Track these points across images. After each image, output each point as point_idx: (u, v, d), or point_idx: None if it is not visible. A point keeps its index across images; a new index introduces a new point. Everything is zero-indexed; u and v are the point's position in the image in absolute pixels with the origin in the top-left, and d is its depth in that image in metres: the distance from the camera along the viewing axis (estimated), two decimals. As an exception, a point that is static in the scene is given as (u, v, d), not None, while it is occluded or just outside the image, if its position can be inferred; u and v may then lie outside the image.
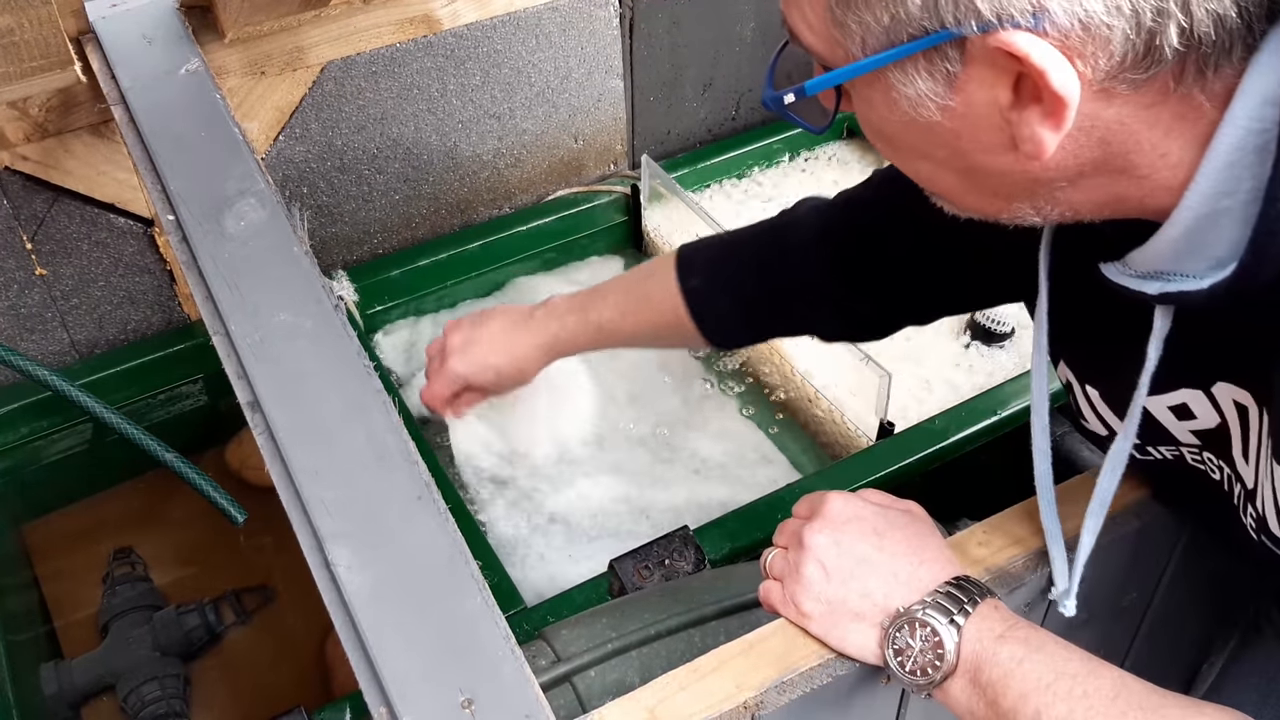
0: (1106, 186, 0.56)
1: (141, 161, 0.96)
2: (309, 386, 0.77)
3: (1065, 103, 0.50)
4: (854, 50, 0.54)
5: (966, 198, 0.60)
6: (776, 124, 1.70)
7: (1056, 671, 0.63)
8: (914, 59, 0.52)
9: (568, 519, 1.23)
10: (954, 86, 0.52)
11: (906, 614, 0.67)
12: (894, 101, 0.54)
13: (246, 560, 1.26)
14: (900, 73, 0.53)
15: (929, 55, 0.52)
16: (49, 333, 1.30)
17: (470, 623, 0.63)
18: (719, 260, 1.00)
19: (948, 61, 0.52)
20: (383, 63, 1.33)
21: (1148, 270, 0.58)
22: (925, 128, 0.55)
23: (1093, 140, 0.54)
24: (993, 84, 0.52)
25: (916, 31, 0.51)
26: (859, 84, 0.56)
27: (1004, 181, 0.57)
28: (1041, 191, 0.57)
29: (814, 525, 0.71)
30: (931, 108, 0.54)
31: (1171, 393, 0.65)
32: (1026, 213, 0.59)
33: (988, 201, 0.60)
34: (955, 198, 0.61)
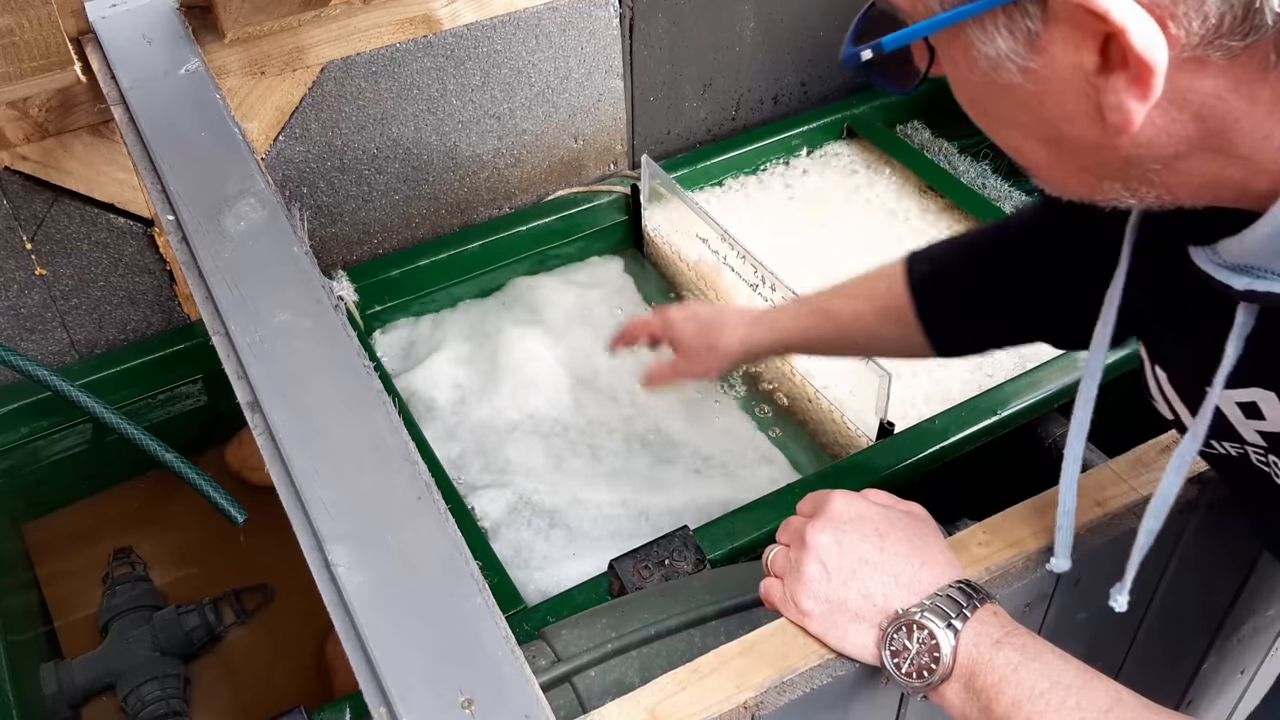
0: (1205, 168, 0.53)
1: (141, 161, 0.96)
2: (309, 387, 0.77)
3: (1151, 68, 0.47)
4: (933, 5, 0.51)
5: (1057, 173, 0.57)
6: (776, 124, 1.70)
7: (1051, 681, 0.63)
8: (993, 15, 0.50)
9: (568, 519, 1.23)
10: (1035, 47, 0.50)
11: (905, 616, 0.67)
12: (974, 61, 0.52)
13: (246, 560, 1.26)
14: (980, 30, 0.51)
15: (1009, 12, 0.49)
16: (49, 333, 1.30)
17: (470, 623, 0.63)
18: (947, 251, 0.96)
19: (1028, 19, 0.49)
20: (383, 63, 1.33)
21: (1238, 262, 0.55)
22: (1007, 91, 0.52)
23: (1186, 115, 0.50)
24: (1077, 45, 0.48)
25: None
26: (941, 42, 0.54)
27: (1094, 157, 0.54)
28: (1134, 171, 0.54)
29: (816, 524, 0.71)
30: (1012, 69, 0.51)
31: (1243, 389, 0.61)
32: (1120, 193, 0.56)
33: (1078, 179, 0.57)
34: (1047, 173, 0.58)
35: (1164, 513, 0.69)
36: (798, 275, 1.35)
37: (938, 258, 0.96)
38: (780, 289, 1.31)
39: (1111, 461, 0.81)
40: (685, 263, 1.51)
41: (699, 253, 1.47)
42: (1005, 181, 1.64)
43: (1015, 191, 1.62)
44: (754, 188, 1.66)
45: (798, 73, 1.71)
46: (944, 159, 1.69)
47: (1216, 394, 0.61)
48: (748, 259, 1.35)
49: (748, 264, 1.36)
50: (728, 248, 1.39)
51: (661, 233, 1.55)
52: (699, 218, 1.41)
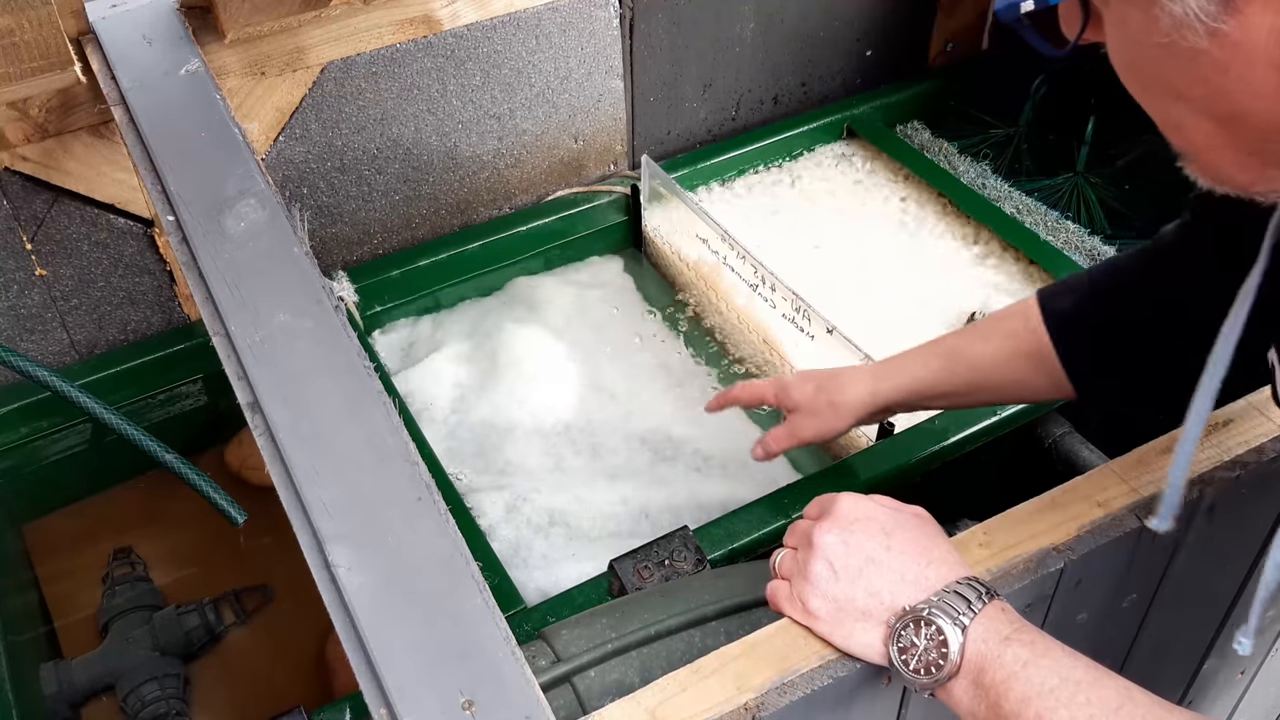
0: None
1: (141, 162, 0.96)
2: (309, 387, 0.77)
3: None
4: None
5: (1221, 157, 0.52)
6: (777, 124, 1.70)
7: (1061, 677, 0.62)
8: None
9: (567, 519, 1.23)
10: (1231, 6, 0.45)
11: (913, 612, 0.67)
12: (1155, 20, 0.47)
13: (246, 560, 1.26)
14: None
15: None
16: (49, 333, 1.30)
17: (470, 623, 0.63)
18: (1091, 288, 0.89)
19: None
20: (383, 63, 1.33)
21: None
22: (1188, 57, 0.47)
23: None
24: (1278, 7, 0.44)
25: None
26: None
27: (1271, 138, 0.48)
28: None
29: (823, 525, 0.71)
30: (1200, 31, 0.46)
31: None
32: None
33: (1243, 164, 0.51)
34: (1207, 157, 0.53)
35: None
36: (798, 276, 1.35)
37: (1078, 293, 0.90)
38: (780, 289, 1.31)
39: (1112, 462, 0.81)
40: (685, 263, 1.51)
41: (699, 253, 1.47)
42: (1005, 181, 1.64)
43: (1015, 191, 1.62)
44: (754, 188, 1.66)
45: (798, 73, 1.71)
46: (944, 159, 1.69)
47: None
48: (747, 259, 1.35)
49: (747, 264, 1.36)
50: (727, 248, 1.39)
51: (661, 233, 1.55)
52: (699, 218, 1.41)
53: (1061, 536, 0.77)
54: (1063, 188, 1.64)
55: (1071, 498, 0.79)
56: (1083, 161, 1.65)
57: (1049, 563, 0.76)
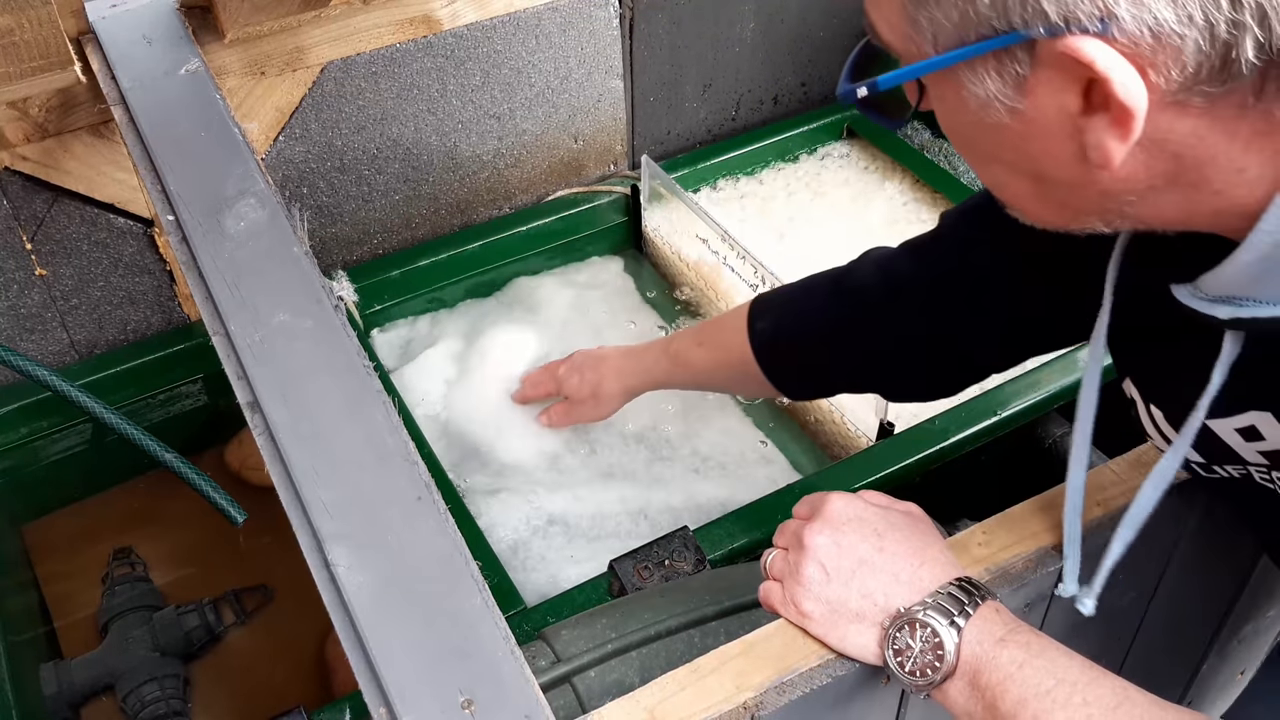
0: (1178, 202, 0.55)
1: (141, 162, 0.96)
2: (309, 387, 0.77)
3: (1132, 112, 0.49)
4: (926, 47, 0.53)
5: (1036, 206, 0.59)
6: (776, 124, 1.70)
7: (1057, 678, 0.63)
8: (984, 59, 0.52)
9: (567, 519, 1.23)
10: (1023, 89, 0.52)
11: (907, 614, 0.67)
12: (964, 101, 0.54)
13: (246, 560, 1.26)
14: (970, 72, 0.53)
15: (998, 56, 0.51)
16: (49, 333, 1.30)
17: (470, 623, 0.63)
18: (785, 314, 1.01)
19: (1017, 64, 0.51)
20: (383, 63, 1.33)
21: (1219, 294, 0.57)
22: (995, 130, 0.54)
23: (1165, 154, 0.52)
24: (1061, 89, 0.51)
25: (986, 31, 0.50)
26: (932, 81, 0.56)
27: (1073, 192, 0.56)
28: (1111, 204, 0.56)
29: (814, 526, 0.71)
30: (1000, 110, 0.53)
31: (1239, 415, 0.63)
32: (1095, 224, 0.58)
33: (1056, 212, 0.59)
34: (1026, 206, 0.60)
35: (1139, 523, 0.70)
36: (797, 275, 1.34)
37: (780, 312, 1.01)
38: (780, 289, 1.31)
39: (1111, 462, 0.81)
40: (685, 263, 1.51)
41: (699, 253, 1.47)
42: (1005, 182, 1.64)
43: (1015, 192, 1.62)
44: (754, 188, 1.66)
45: (798, 73, 1.71)
46: (944, 159, 1.69)
47: (1200, 415, 0.62)
48: (747, 259, 1.35)
49: (747, 264, 1.36)
50: (727, 248, 1.39)
51: (661, 233, 1.55)
52: (699, 218, 1.41)
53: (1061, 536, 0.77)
54: (1062, 188, 1.64)
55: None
56: (1082, 161, 1.65)
57: (1048, 562, 0.76)
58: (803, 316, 0.99)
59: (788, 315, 1.00)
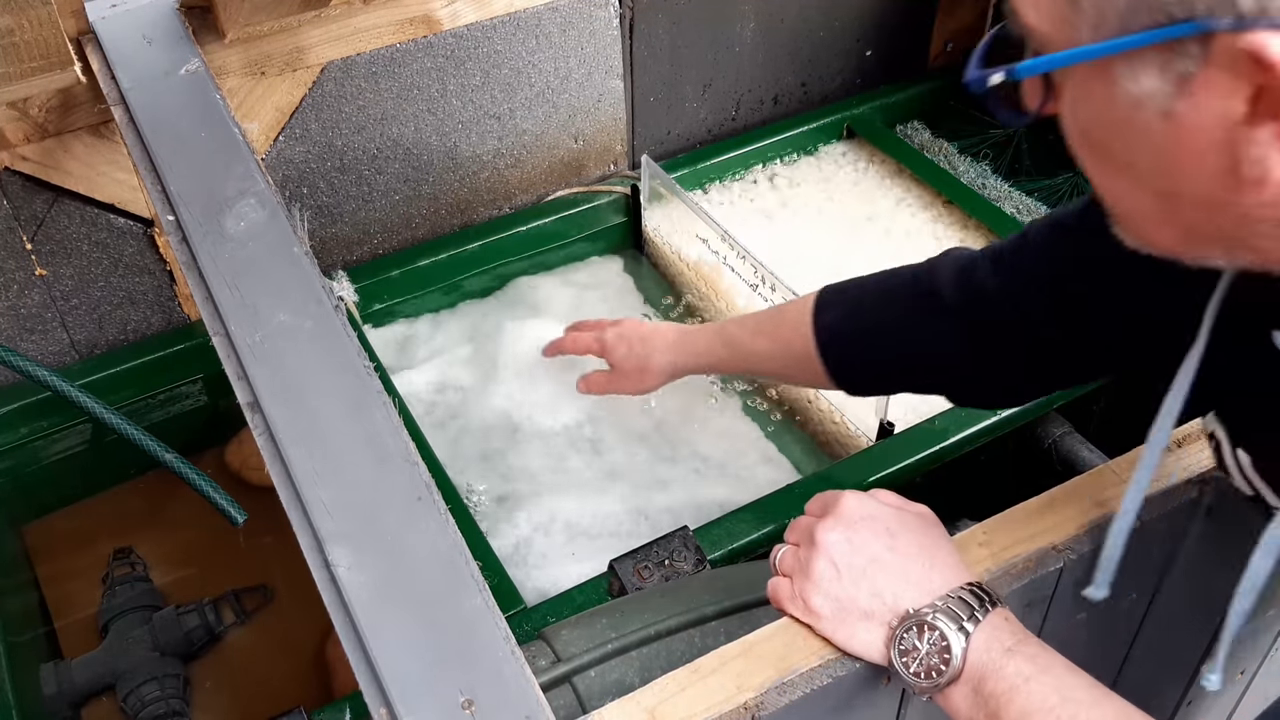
0: None
1: (141, 162, 0.96)
2: (309, 387, 0.77)
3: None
4: (1083, 33, 0.48)
5: (1156, 227, 0.54)
6: (776, 124, 1.70)
7: (1062, 696, 0.62)
8: (1149, 51, 0.46)
9: (567, 519, 1.23)
10: (1186, 90, 0.46)
11: (916, 616, 0.67)
12: (1112, 98, 0.49)
13: (246, 560, 1.26)
14: (1128, 65, 0.47)
15: (1167, 49, 0.46)
16: (49, 333, 1.30)
17: (470, 623, 0.63)
18: (856, 308, 0.97)
19: (1186, 59, 0.46)
20: (383, 63, 1.33)
21: None
22: (1140, 134, 0.49)
23: None
24: (1229, 93, 0.45)
25: (1160, 19, 0.45)
26: (1079, 73, 0.50)
27: (1208, 214, 0.51)
28: (1245, 232, 0.51)
29: (826, 523, 0.71)
30: (1153, 111, 0.48)
31: None
32: (1214, 256, 0.54)
33: (1178, 236, 0.54)
34: (1143, 225, 0.55)
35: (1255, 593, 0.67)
36: (798, 275, 1.35)
37: (849, 306, 0.97)
38: (780, 289, 1.31)
39: (1112, 462, 0.81)
40: (685, 263, 1.51)
41: (699, 253, 1.47)
42: (1005, 181, 1.64)
43: (1015, 191, 1.62)
44: (754, 188, 1.66)
45: (797, 73, 1.71)
46: (944, 159, 1.69)
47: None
48: (747, 259, 1.35)
49: (747, 264, 1.36)
50: (727, 248, 1.39)
51: (661, 233, 1.55)
52: (699, 218, 1.41)
53: (1061, 536, 0.77)
54: (1062, 187, 1.64)
55: (1071, 497, 0.79)
56: (1082, 161, 1.65)
57: (1049, 562, 0.76)
58: (874, 313, 0.95)
59: (858, 310, 0.96)
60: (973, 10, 1.79)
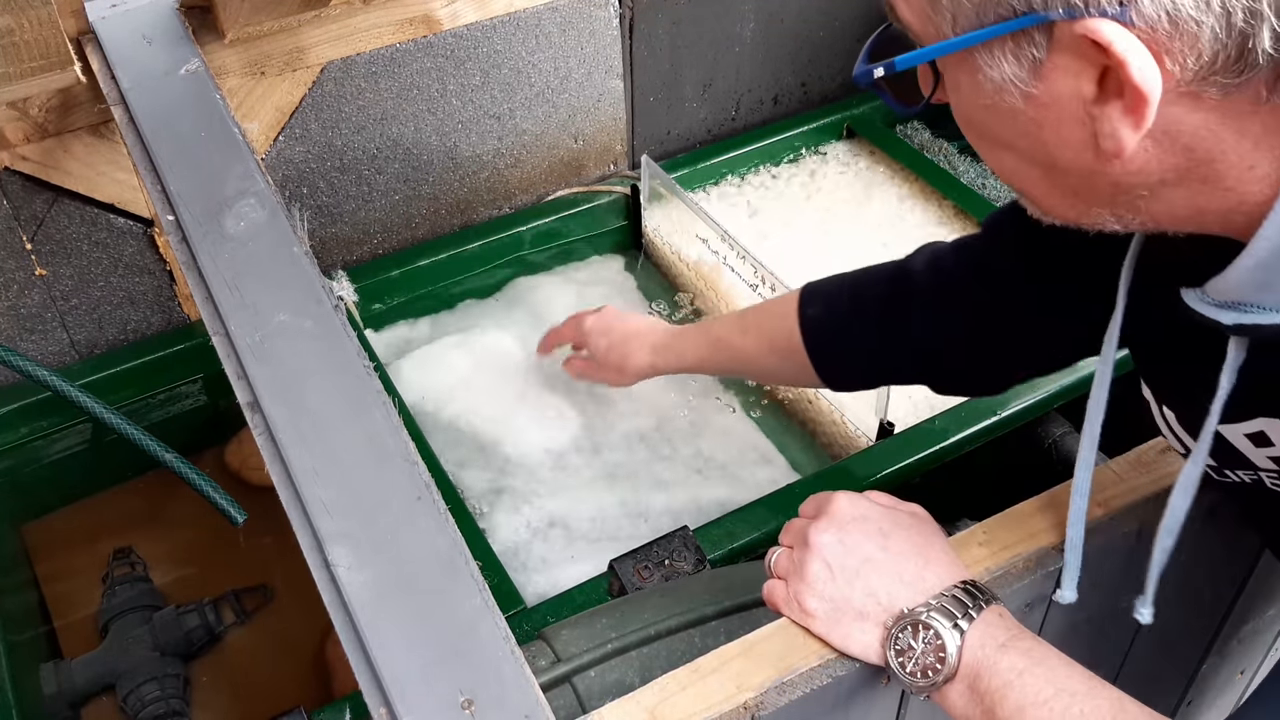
0: (1189, 199, 0.55)
1: (141, 162, 0.96)
2: (309, 387, 0.77)
3: (1146, 98, 0.49)
4: (945, 28, 0.53)
5: (1048, 198, 0.60)
6: (776, 124, 1.70)
7: (1056, 688, 0.63)
8: (1001, 41, 0.52)
9: (567, 520, 1.23)
10: (1039, 74, 0.52)
11: (910, 615, 0.67)
12: (979, 85, 0.54)
13: (246, 560, 1.26)
14: (987, 55, 0.53)
15: (1016, 38, 0.51)
16: (49, 333, 1.30)
17: (470, 623, 0.63)
18: (840, 300, 0.99)
19: (1034, 46, 0.51)
20: (382, 63, 1.33)
21: (1225, 299, 0.57)
22: (1009, 115, 0.54)
23: (1177, 146, 0.52)
24: (1077, 74, 0.51)
25: (1005, 13, 0.51)
26: (949, 65, 0.56)
27: (1085, 182, 0.56)
28: (1122, 198, 0.56)
29: (820, 524, 0.71)
30: (1015, 94, 0.53)
31: (1248, 421, 0.63)
32: (1106, 219, 0.58)
33: (1069, 204, 0.59)
34: (1038, 197, 0.60)
35: (1176, 530, 0.69)
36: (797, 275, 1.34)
37: (832, 299, 0.99)
38: (780, 289, 1.31)
39: (1111, 462, 0.81)
40: (685, 263, 1.51)
41: (699, 253, 1.47)
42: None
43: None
44: (754, 188, 1.66)
45: (797, 73, 1.71)
46: (944, 159, 1.69)
47: (1213, 421, 0.62)
48: (747, 259, 1.35)
49: (747, 264, 1.36)
50: (727, 248, 1.39)
51: (661, 233, 1.55)
52: (699, 218, 1.41)
53: (1061, 536, 0.77)
54: (1062, 188, 1.64)
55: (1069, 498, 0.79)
56: (1082, 161, 1.65)
57: (1048, 562, 0.76)
58: (855, 305, 0.97)
59: (840, 304, 0.99)
60: (973, 10, 1.79)
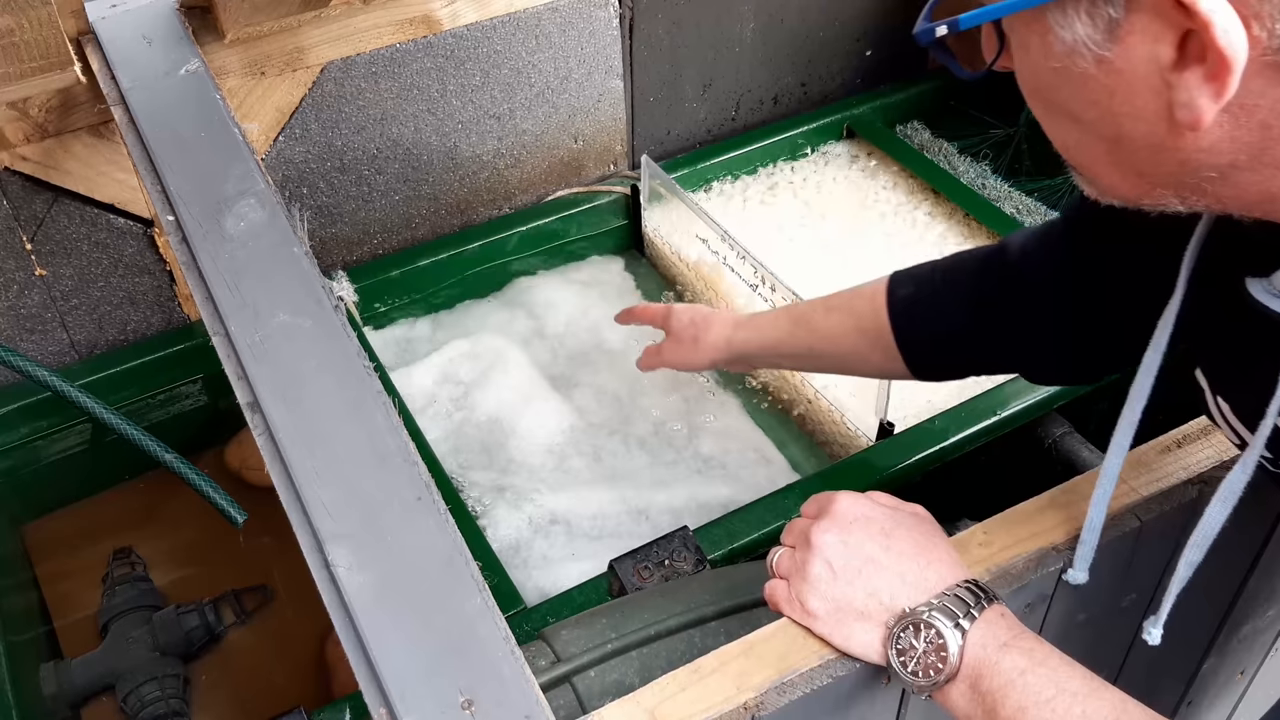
0: (1260, 182, 0.52)
1: (141, 162, 0.96)
2: (309, 387, 0.77)
3: (1230, 64, 0.46)
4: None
5: (1110, 174, 0.57)
6: (776, 124, 1.70)
7: (1058, 687, 0.63)
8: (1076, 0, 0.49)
9: (568, 519, 1.23)
10: (1114, 36, 0.49)
11: (912, 615, 0.67)
12: (1049, 46, 0.51)
13: (246, 560, 1.26)
14: (1060, 13, 0.50)
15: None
16: (49, 333, 1.30)
17: (470, 623, 0.63)
18: (931, 283, 0.95)
19: (1110, 6, 0.48)
20: (383, 63, 1.34)
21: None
22: (1079, 81, 0.51)
23: (1253, 122, 0.49)
24: (1156, 37, 0.48)
25: None
26: (1017, 24, 0.53)
27: (1152, 159, 0.53)
28: (1189, 179, 0.53)
29: (822, 524, 0.71)
30: (1088, 57, 0.50)
31: None
32: (1170, 200, 0.56)
33: (1132, 182, 0.56)
34: (1099, 172, 0.57)
35: (1207, 545, 0.68)
36: (797, 275, 1.35)
37: (923, 282, 0.96)
38: (780, 289, 1.31)
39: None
40: (685, 263, 1.51)
41: (699, 253, 1.47)
42: (1004, 182, 1.64)
43: (1015, 191, 1.62)
44: (754, 188, 1.66)
45: (797, 73, 1.71)
46: (944, 159, 1.69)
47: (1269, 425, 0.60)
48: (747, 259, 1.35)
49: (747, 264, 1.36)
50: (727, 248, 1.39)
51: (661, 233, 1.55)
52: (699, 218, 1.41)
53: (1061, 536, 0.77)
54: (1062, 188, 1.64)
55: (1071, 497, 0.79)
56: (1082, 162, 1.65)
57: (1048, 562, 0.76)
58: (947, 288, 0.94)
59: (931, 286, 0.95)
60: (973, 10, 1.79)
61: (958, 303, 0.92)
